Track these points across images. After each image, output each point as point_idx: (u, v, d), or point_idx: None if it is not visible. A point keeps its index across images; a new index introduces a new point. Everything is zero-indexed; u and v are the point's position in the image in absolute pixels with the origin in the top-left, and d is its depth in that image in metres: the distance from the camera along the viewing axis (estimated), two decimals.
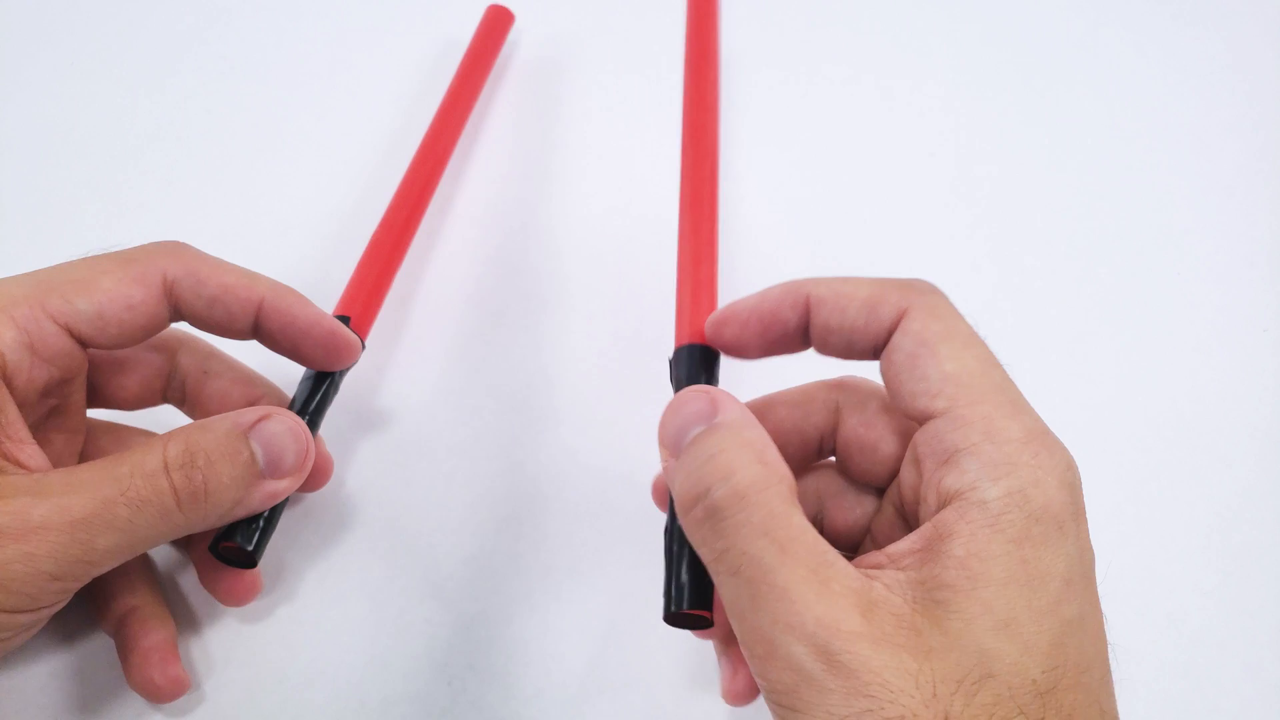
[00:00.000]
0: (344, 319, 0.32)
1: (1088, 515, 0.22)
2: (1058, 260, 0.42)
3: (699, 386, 0.24)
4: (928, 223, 0.43)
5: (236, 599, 0.29)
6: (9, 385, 0.25)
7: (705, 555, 0.22)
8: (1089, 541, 0.21)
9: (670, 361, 0.28)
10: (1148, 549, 0.33)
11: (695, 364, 0.27)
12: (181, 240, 0.28)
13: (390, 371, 0.37)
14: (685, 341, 0.28)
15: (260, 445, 0.26)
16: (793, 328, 0.25)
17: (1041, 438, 0.21)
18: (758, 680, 0.20)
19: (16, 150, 0.43)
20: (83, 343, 0.26)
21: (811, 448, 0.27)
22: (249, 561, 0.27)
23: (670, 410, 0.24)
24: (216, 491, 0.25)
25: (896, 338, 0.23)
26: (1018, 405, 0.22)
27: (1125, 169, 0.45)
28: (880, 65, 0.49)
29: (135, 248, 0.27)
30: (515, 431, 0.35)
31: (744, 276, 0.39)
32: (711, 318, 0.27)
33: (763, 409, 0.27)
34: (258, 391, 0.31)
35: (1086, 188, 0.44)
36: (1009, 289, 0.40)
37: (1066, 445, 0.22)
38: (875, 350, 0.24)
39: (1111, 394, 0.37)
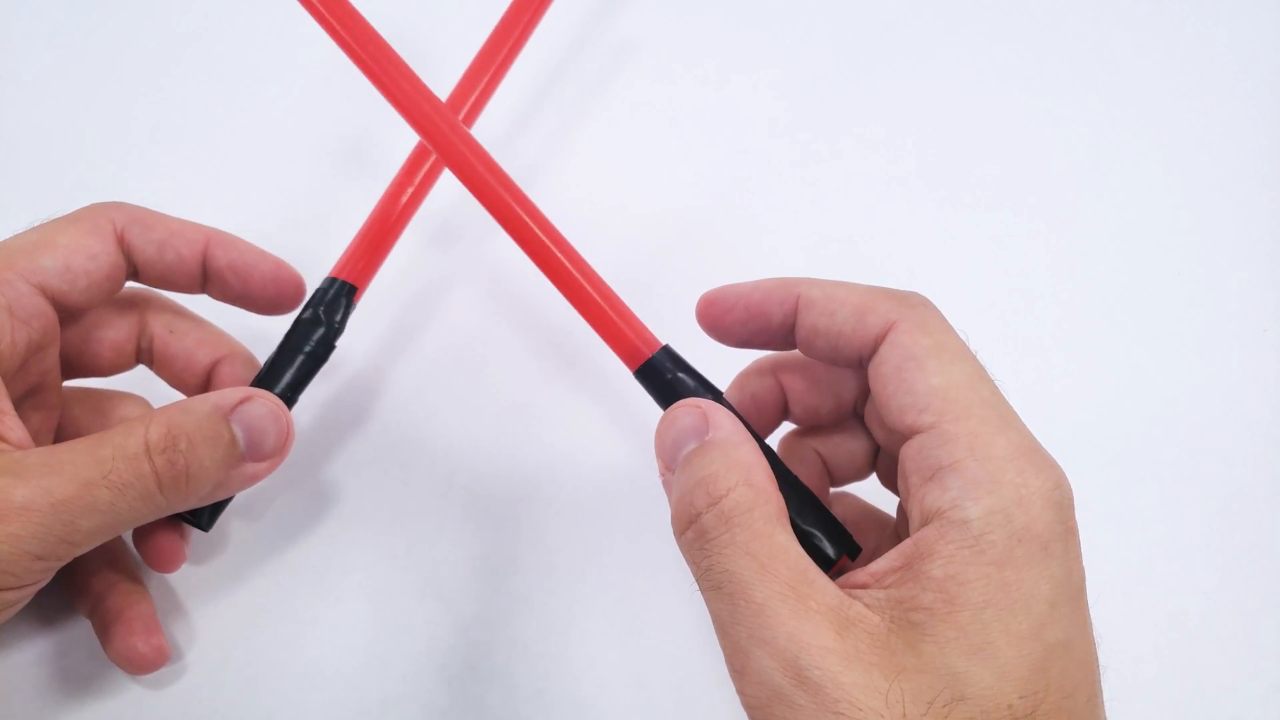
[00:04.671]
0: (335, 280, 0.32)
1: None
2: (1058, 260, 0.42)
3: (692, 400, 0.24)
4: (927, 223, 0.43)
5: (163, 564, 0.29)
6: None
7: (693, 571, 0.22)
8: (1079, 562, 0.21)
9: (641, 381, 0.28)
10: (1148, 549, 0.33)
11: (663, 376, 0.27)
12: None
13: (391, 371, 0.37)
14: (634, 361, 0.27)
15: (241, 428, 0.26)
16: (776, 323, 0.25)
17: (1029, 454, 0.21)
18: (739, 696, 0.21)
19: (17, 150, 0.43)
20: (54, 301, 0.27)
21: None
22: (202, 527, 0.29)
23: (664, 424, 0.24)
24: (198, 475, 0.25)
25: (884, 350, 0.23)
26: (1006, 420, 0.21)
27: (1125, 169, 0.45)
28: (878, 65, 0.49)
29: (78, 209, 0.28)
30: (516, 431, 0.35)
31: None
32: (704, 294, 0.27)
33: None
34: (222, 350, 0.31)
35: (1086, 187, 0.44)
36: (1009, 289, 0.40)
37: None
38: (861, 359, 0.24)
39: (1112, 394, 0.37)
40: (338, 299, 0.31)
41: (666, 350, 0.27)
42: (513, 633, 0.30)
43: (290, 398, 0.29)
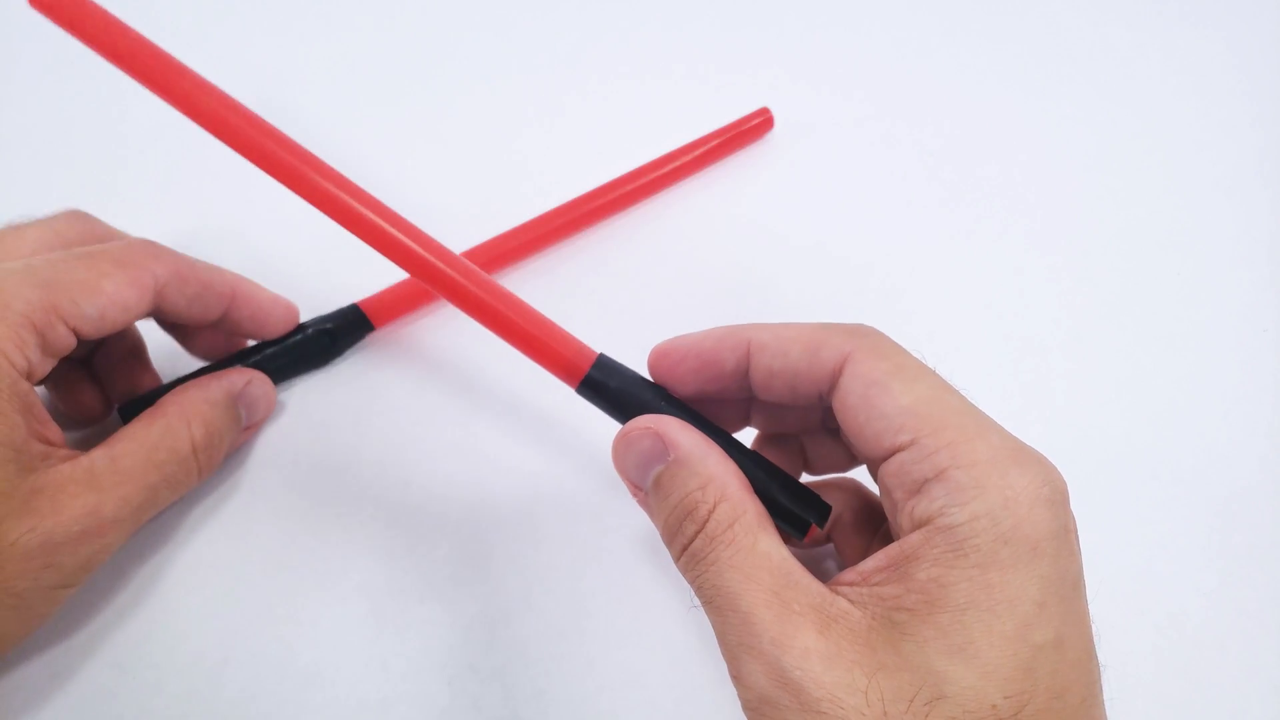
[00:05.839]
0: (358, 310, 0.36)
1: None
2: (1058, 260, 0.42)
3: (642, 421, 0.24)
4: (927, 223, 0.43)
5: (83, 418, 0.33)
6: (29, 381, 0.27)
7: (691, 588, 0.23)
8: (1074, 559, 0.21)
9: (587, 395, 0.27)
10: (1148, 549, 0.33)
11: (606, 387, 0.26)
12: (163, 241, 0.31)
13: (392, 371, 0.37)
14: (573, 379, 0.26)
15: (244, 407, 0.32)
16: (729, 370, 0.25)
17: (1013, 455, 0.21)
18: (740, 701, 0.21)
19: (16, 150, 0.43)
20: (77, 336, 0.28)
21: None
22: None
23: (620, 448, 0.25)
24: (222, 456, 0.32)
25: (846, 381, 0.23)
26: (982, 426, 0.21)
27: (1125, 169, 0.45)
28: (877, 65, 0.49)
29: (121, 247, 0.29)
30: (516, 431, 0.35)
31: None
32: (655, 347, 0.26)
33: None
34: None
35: (1086, 188, 0.44)
36: (1009, 289, 0.40)
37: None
38: (819, 394, 0.24)
39: (1112, 394, 0.37)
40: (352, 328, 0.36)
41: (602, 360, 0.26)
42: (513, 633, 0.30)
43: (277, 383, 0.34)
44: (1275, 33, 0.51)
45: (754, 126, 0.45)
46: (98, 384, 0.32)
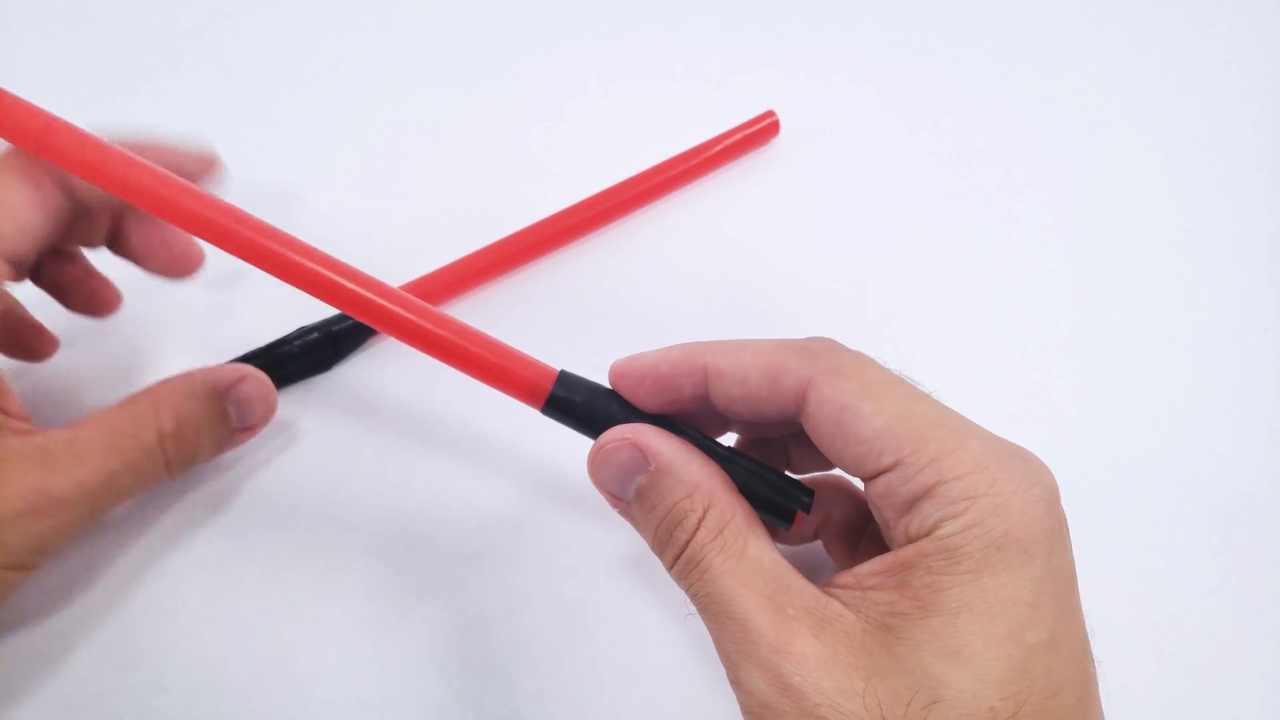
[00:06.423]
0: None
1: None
2: (1057, 260, 0.42)
3: (617, 433, 0.24)
4: (926, 223, 0.43)
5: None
6: None
7: (687, 596, 0.23)
8: (1066, 556, 0.21)
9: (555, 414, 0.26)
10: (1148, 549, 0.33)
11: (572, 402, 0.25)
12: None
13: (392, 371, 0.37)
14: (536, 401, 0.26)
15: (235, 407, 0.30)
16: (688, 395, 0.24)
17: (998, 459, 0.21)
18: (739, 705, 0.21)
19: None
20: (12, 264, 0.26)
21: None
22: None
23: (597, 461, 0.24)
24: (201, 454, 0.30)
25: (813, 408, 0.22)
26: (961, 433, 0.21)
27: (1125, 169, 0.45)
28: (878, 67, 0.49)
29: (5, 157, 0.27)
30: (517, 430, 0.35)
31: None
32: (614, 365, 0.26)
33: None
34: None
35: (1086, 187, 0.44)
36: (1009, 288, 0.40)
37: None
38: (784, 416, 0.24)
39: (1112, 393, 0.37)
40: (355, 331, 0.35)
41: (563, 376, 0.26)
42: (513, 633, 0.30)
43: (280, 388, 0.33)
44: (1275, 33, 0.51)
45: (759, 131, 0.44)
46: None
